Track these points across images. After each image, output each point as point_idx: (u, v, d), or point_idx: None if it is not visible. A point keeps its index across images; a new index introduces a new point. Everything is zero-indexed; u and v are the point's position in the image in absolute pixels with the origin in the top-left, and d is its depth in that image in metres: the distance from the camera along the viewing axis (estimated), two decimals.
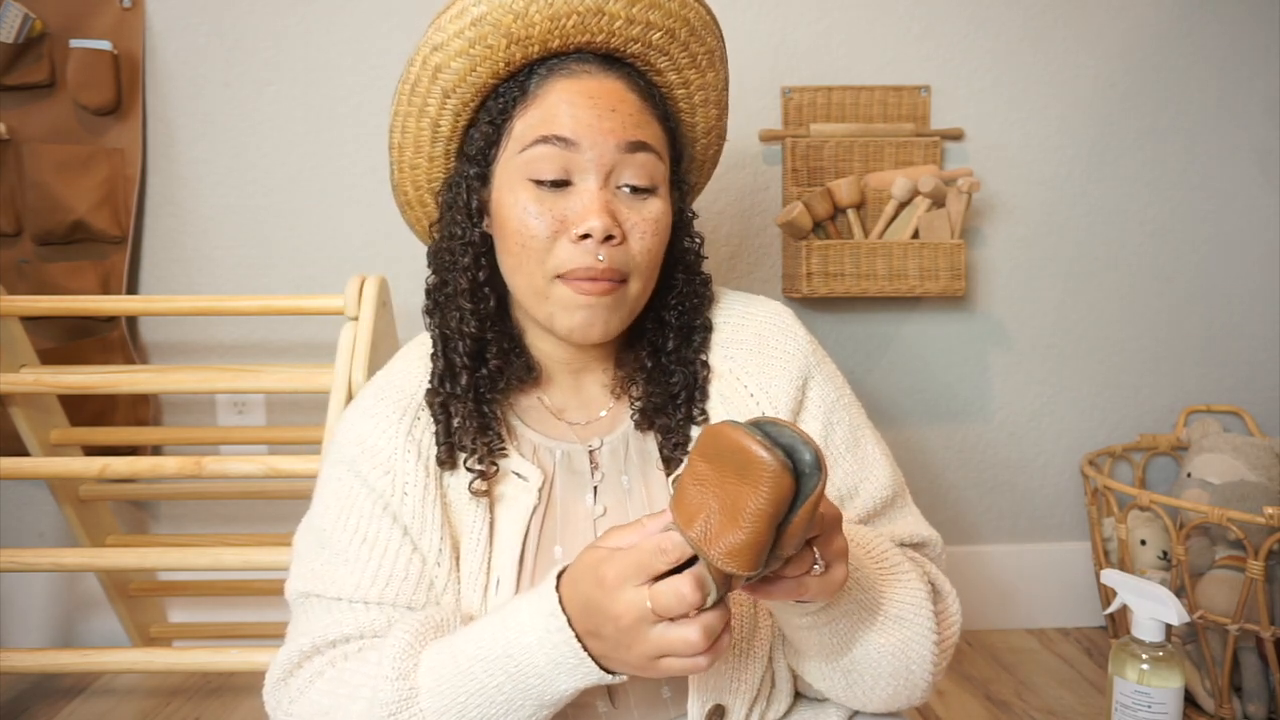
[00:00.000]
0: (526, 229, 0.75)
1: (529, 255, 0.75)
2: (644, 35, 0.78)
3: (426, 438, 0.78)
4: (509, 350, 0.81)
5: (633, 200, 0.76)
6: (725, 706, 0.75)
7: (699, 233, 0.86)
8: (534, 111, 0.76)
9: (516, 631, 0.63)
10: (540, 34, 0.76)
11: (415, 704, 0.66)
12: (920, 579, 0.75)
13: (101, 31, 1.56)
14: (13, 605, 1.67)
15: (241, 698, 1.53)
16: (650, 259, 0.77)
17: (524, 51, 0.77)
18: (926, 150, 1.62)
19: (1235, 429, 1.71)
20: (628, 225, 0.75)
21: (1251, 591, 1.32)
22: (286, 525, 1.67)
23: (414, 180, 0.86)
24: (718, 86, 0.87)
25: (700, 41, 0.82)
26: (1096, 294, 1.73)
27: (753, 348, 0.83)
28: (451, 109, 0.80)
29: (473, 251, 0.80)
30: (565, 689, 0.63)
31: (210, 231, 1.63)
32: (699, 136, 0.89)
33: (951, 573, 0.84)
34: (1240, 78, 1.70)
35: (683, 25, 0.80)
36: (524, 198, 0.75)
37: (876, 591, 0.72)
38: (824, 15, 1.65)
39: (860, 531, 0.78)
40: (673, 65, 0.82)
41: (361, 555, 0.75)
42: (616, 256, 0.74)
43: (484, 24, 0.75)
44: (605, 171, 0.75)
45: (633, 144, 0.75)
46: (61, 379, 1.34)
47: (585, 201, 0.74)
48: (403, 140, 0.84)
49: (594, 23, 0.76)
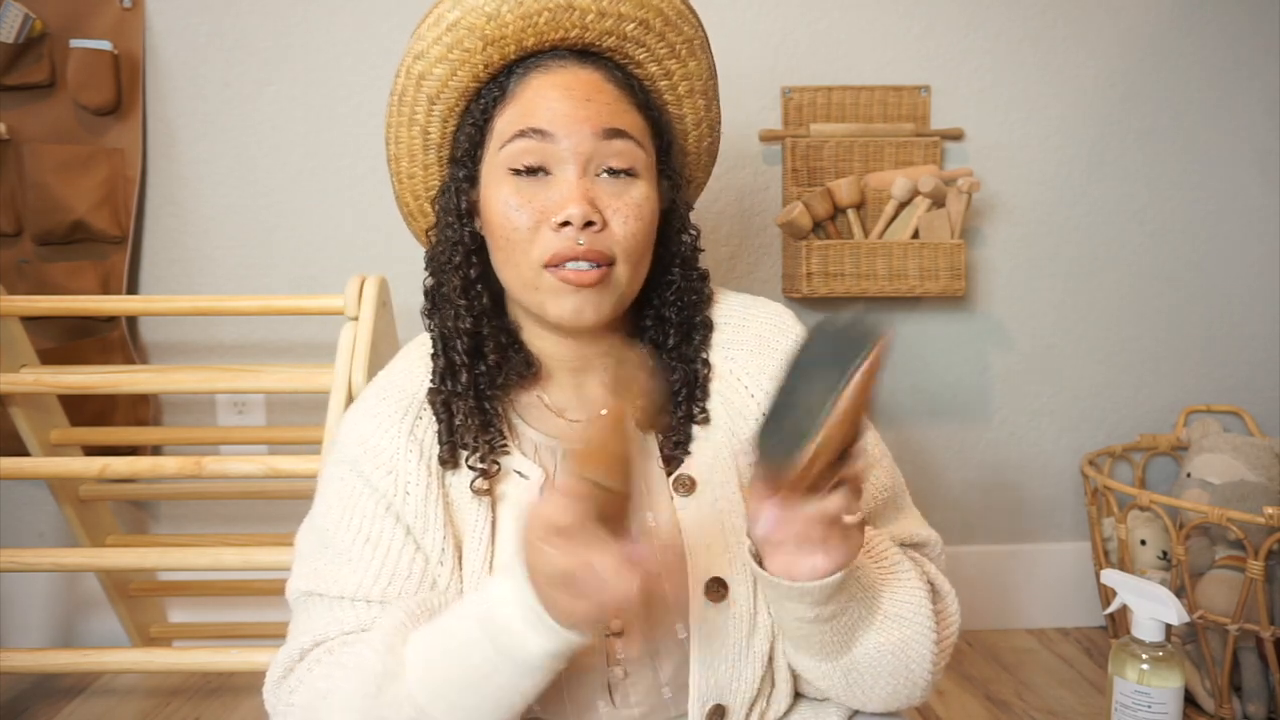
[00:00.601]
0: (509, 221, 0.76)
1: (514, 247, 0.76)
2: (617, 27, 0.79)
3: (429, 437, 0.79)
4: (507, 345, 0.81)
5: (613, 185, 0.76)
6: (726, 706, 0.76)
7: (695, 226, 0.86)
8: (512, 108, 0.77)
9: (493, 590, 0.65)
10: (514, 33, 0.77)
11: (402, 676, 0.66)
12: (919, 578, 0.75)
13: (101, 31, 1.56)
14: (13, 605, 1.67)
15: (241, 698, 1.53)
16: (635, 243, 0.77)
17: (501, 52, 0.78)
18: (926, 150, 1.62)
19: (1235, 429, 1.71)
20: (608, 211, 0.75)
21: (1251, 591, 1.32)
22: (286, 525, 1.67)
23: (413, 190, 0.88)
24: (702, 75, 0.87)
25: (677, 31, 0.82)
26: (1096, 294, 1.73)
27: (753, 349, 0.83)
28: (439, 115, 0.82)
29: (463, 250, 0.81)
30: (535, 648, 0.63)
31: (210, 231, 1.63)
32: (690, 128, 0.89)
33: (951, 573, 0.84)
34: (1240, 78, 1.70)
35: (656, 15, 0.80)
36: (505, 191, 0.76)
37: (875, 590, 0.72)
38: (824, 15, 1.65)
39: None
40: (651, 56, 0.82)
41: (364, 555, 0.75)
42: (599, 241, 0.75)
43: (459, 29, 0.77)
44: (583, 160, 0.75)
45: (609, 131, 0.76)
46: (61, 379, 1.34)
47: (564, 190, 0.75)
48: (397, 151, 0.86)
49: (566, 18, 0.77)
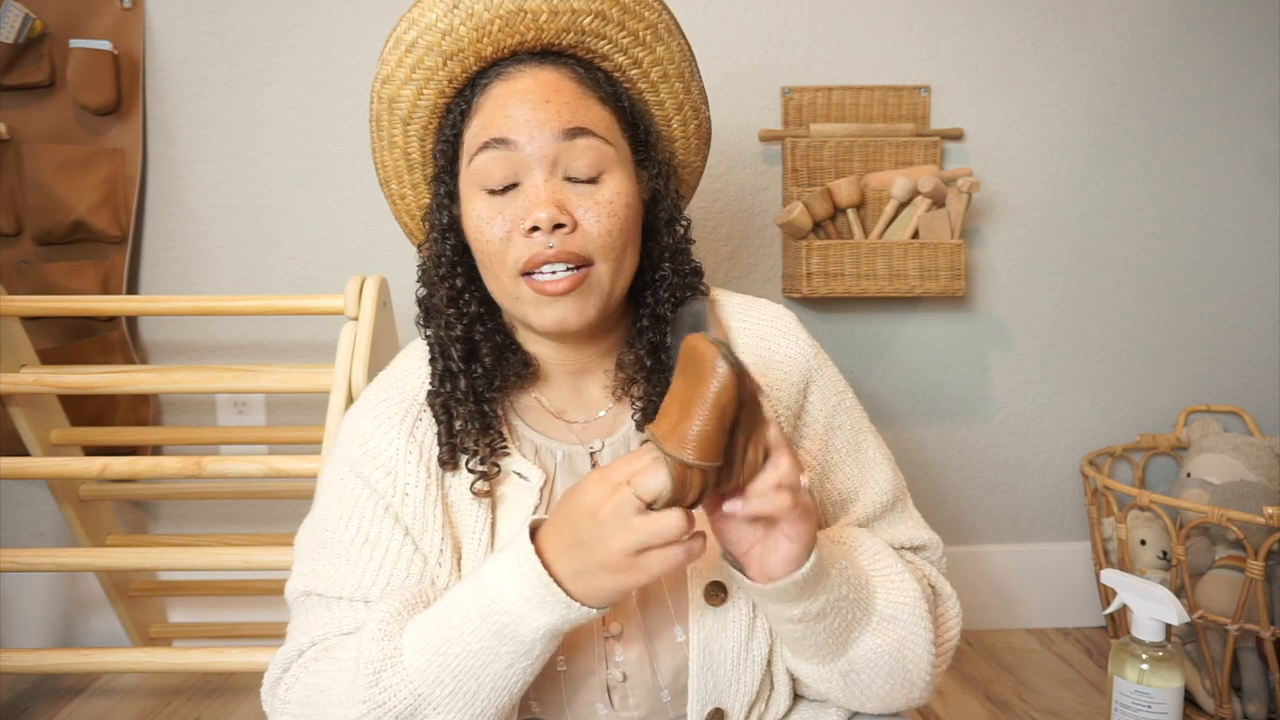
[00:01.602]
0: (483, 235, 0.76)
1: (492, 260, 0.76)
2: (574, 24, 0.79)
3: (428, 438, 0.79)
4: (502, 346, 0.81)
5: (582, 186, 0.76)
6: (724, 709, 0.76)
7: (686, 217, 0.85)
8: (477, 120, 0.77)
9: (489, 572, 0.65)
10: (470, 45, 0.78)
11: (399, 662, 0.66)
12: (915, 579, 0.75)
13: (101, 31, 1.56)
14: (13, 605, 1.67)
15: (241, 698, 1.53)
16: (612, 240, 0.76)
17: (461, 65, 0.79)
18: (926, 150, 1.62)
19: (1235, 429, 1.71)
20: (579, 211, 0.75)
21: (1251, 591, 1.32)
22: (286, 525, 1.68)
23: (407, 210, 0.89)
24: (674, 59, 0.85)
25: (637, 18, 0.81)
26: (1096, 294, 1.73)
27: (754, 351, 0.82)
28: (415, 135, 0.83)
29: (447, 263, 0.81)
30: (537, 626, 0.63)
31: (210, 231, 1.63)
32: (671, 113, 0.88)
33: (951, 573, 0.84)
34: (1240, 78, 1.70)
35: (613, 5, 0.79)
36: (479, 206, 0.76)
37: (869, 590, 0.72)
38: (824, 15, 1.65)
39: (855, 534, 0.78)
40: (615, 47, 0.81)
41: (363, 555, 0.75)
42: (571, 242, 0.74)
43: (418, 48, 0.78)
44: (548, 163, 0.75)
45: (570, 130, 0.75)
46: (61, 379, 1.34)
47: (531, 196, 0.75)
48: (385, 175, 0.87)
49: (519, 23, 0.77)
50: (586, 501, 0.62)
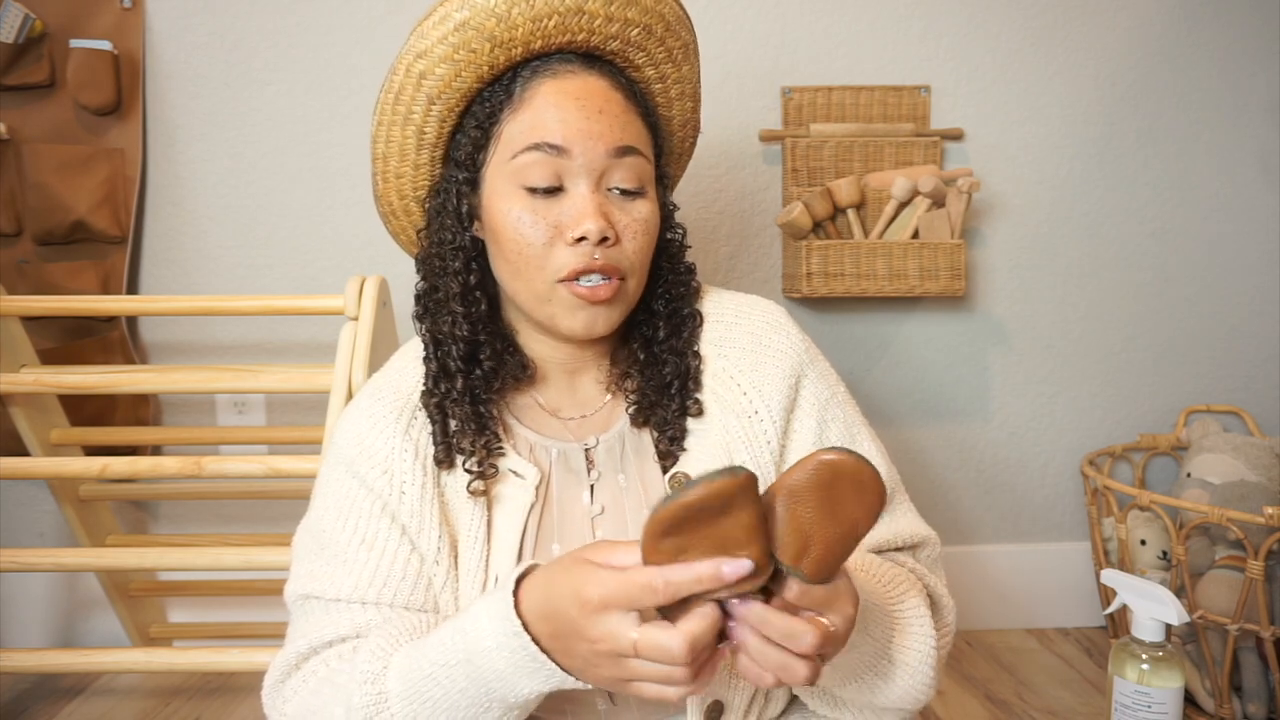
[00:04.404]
0: (523, 237, 0.75)
1: (527, 262, 0.75)
2: (623, 32, 0.79)
3: (424, 437, 0.79)
4: (503, 350, 0.81)
5: (623, 202, 0.77)
6: (724, 703, 0.76)
7: (681, 224, 0.87)
8: (523, 116, 0.76)
9: (475, 636, 0.63)
10: (523, 36, 0.76)
11: (387, 708, 0.66)
12: (924, 604, 0.74)
13: (101, 31, 1.56)
14: (13, 605, 1.67)
15: (241, 698, 1.53)
16: (642, 257, 0.78)
17: (507, 54, 0.77)
18: (926, 150, 1.62)
19: (1235, 429, 1.71)
20: (620, 226, 0.76)
21: (1251, 591, 1.32)
22: (286, 525, 1.67)
23: (399, 189, 0.86)
24: (692, 80, 0.88)
25: (675, 36, 0.83)
26: (1096, 294, 1.73)
27: (746, 346, 0.83)
28: (437, 115, 0.80)
29: (463, 256, 0.80)
30: (527, 690, 0.63)
31: (210, 231, 1.63)
32: (676, 129, 0.91)
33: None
34: (1240, 78, 1.70)
35: (658, 21, 0.81)
36: (518, 206, 0.75)
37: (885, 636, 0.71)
38: (824, 15, 1.65)
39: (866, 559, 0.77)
40: (650, 60, 0.83)
41: (360, 556, 0.75)
42: (612, 256, 0.75)
43: (467, 29, 0.76)
44: (596, 176, 0.75)
45: (621, 149, 0.76)
46: (61, 379, 1.34)
47: (579, 206, 0.74)
48: (387, 150, 0.84)
49: (574, 22, 0.77)
50: (587, 630, 0.58)
